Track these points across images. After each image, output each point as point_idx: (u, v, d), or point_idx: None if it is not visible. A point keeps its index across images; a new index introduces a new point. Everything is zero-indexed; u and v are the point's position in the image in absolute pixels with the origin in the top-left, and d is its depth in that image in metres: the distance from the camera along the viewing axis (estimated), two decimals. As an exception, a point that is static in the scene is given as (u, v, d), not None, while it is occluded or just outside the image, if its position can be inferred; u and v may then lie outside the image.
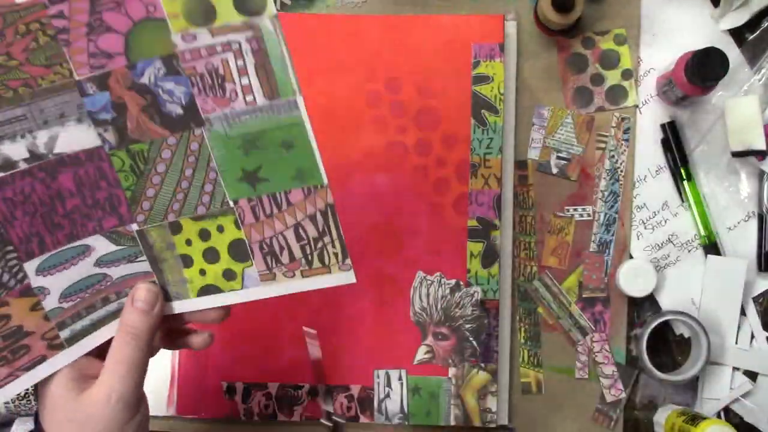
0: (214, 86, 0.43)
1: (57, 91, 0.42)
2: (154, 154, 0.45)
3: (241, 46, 0.42)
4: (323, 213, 0.47)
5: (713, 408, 0.69)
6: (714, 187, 0.70)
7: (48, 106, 0.42)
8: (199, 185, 0.46)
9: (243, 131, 0.44)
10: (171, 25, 0.42)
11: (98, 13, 0.41)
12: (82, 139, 0.43)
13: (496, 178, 0.68)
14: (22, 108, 0.41)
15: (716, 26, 0.70)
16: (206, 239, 0.47)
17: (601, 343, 0.69)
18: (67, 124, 0.43)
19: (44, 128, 0.42)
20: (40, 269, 0.44)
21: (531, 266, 0.70)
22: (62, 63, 0.42)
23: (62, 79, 0.42)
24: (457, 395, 0.68)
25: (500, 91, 0.68)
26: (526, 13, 0.71)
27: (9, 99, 0.41)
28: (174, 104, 0.43)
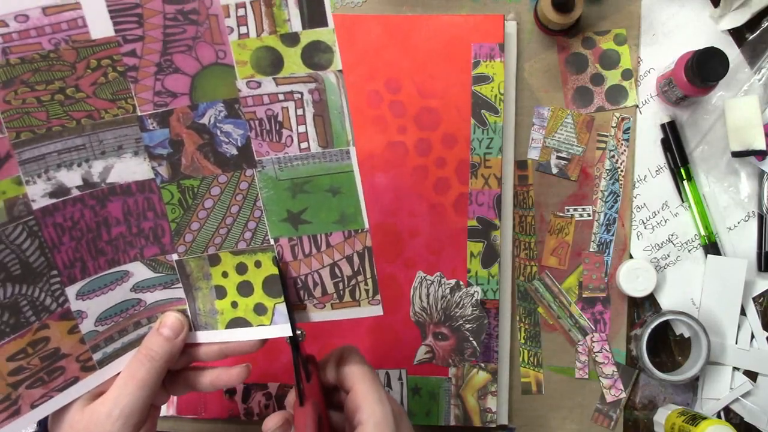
0: (272, 131, 0.44)
1: (119, 124, 0.43)
2: (203, 190, 0.45)
3: (303, 96, 0.44)
4: (360, 254, 0.48)
5: (713, 408, 0.69)
6: (714, 187, 0.70)
7: (107, 138, 0.43)
8: (243, 222, 0.46)
9: (293, 175, 0.45)
10: (238, 71, 0.43)
11: (169, 55, 0.42)
12: (136, 171, 0.44)
13: (496, 178, 0.68)
14: (82, 138, 0.42)
15: (716, 26, 0.70)
16: (243, 273, 0.47)
17: (601, 343, 0.69)
18: (123, 156, 0.44)
19: (101, 158, 0.43)
20: (80, 293, 0.44)
21: (531, 266, 0.70)
22: (127, 99, 0.43)
23: (125, 114, 0.43)
24: (457, 395, 0.68)
25: (500, 91, 0.68)
26: (526, 13, 0.71)
27: (71, 129, 0.42)
28: (230, 145, 0.45)
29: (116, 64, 0.42)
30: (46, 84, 0.40)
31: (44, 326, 0.43)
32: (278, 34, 0.42)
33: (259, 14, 0.42)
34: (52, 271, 0.43)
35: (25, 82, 0.40)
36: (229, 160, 0.45)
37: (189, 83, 0.43)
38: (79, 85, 0.41)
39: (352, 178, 0.46)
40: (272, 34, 0.42)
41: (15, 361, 0.42)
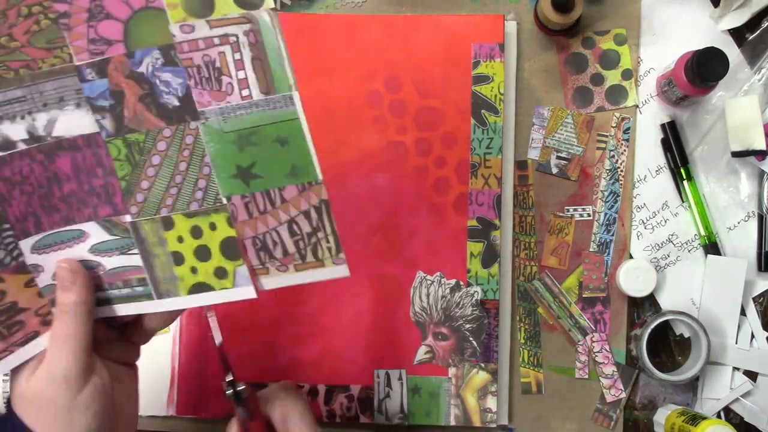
0: (211, 79, 0.43)
1: (57, 74, 0.42)
2: (149, 144, 0.45)
3: (239, 39, 0.42)
4: (317, 209, 0.46)
5: (713, 408, 0.69)
6: (714, 187, 0.70)
7: (47, 89, 0.42)
8: (193, 180, 0.45)
9: (238, 126, 0.44)
10: (169, 15, 0.42)
11: (100, 0, 0.41)
12: (80, 124, 0.44)
13: (496, 178, 0.68)
14: (22, 89, 0.42)
15: (716, 26, 0.70)
16: (198, 237, 0.46)
17: (601, 343, 0.69)
18: (66, 108, 0.43)
19: (43, 111, 0.43)
20: (35, 248, 0.44)
21: (531, 266, 0.70)
22: (62, 47, 0.42)
23: (62, 63, 0.42)
24: (457, 395, 0.68)
25: (500, 91, 0.68)
26: (526, 13, 0.71)
27: (10, 80, 0.41)
28: (171, 95, 0.44)
29: (47, 10, 0.41)
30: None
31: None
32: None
33: None
34: (4, 224, 0.43)
35: None
36: (171, 112, 0.44)
37: (122, 29, 0.42)
38: (13, 33, 0.41)
39: (299, 126, 0.44)
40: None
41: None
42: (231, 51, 0.43)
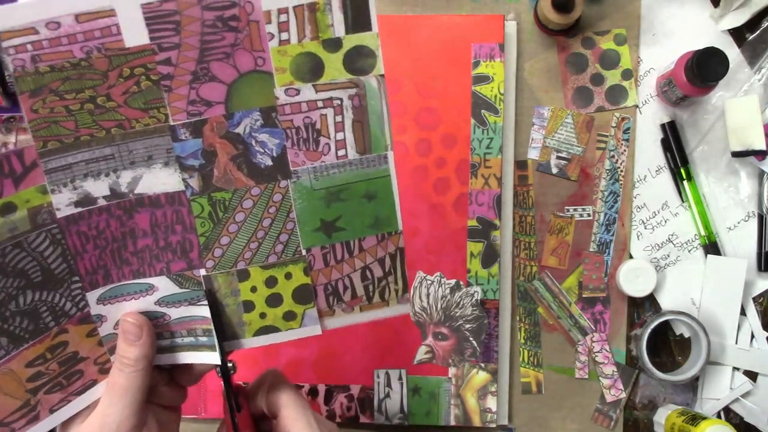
0: (309, 140, 0.43)
1: (149, 134, 0.41)
2: (235, 203, 0.44)
3: (343, 102, 0.43)
4: (392, 255, 0.47)
5: (713, 408, 0.69)
6: (714, 187, 0.70)
7: (137, 147, 0.41)
8: (275, 235, 0.45)
9: (328, 184, 0.44)
10: (276, 79, 0.42)
11: (206, 63, 0.41)
12: (165, 182, 0.43)
13: (496, 178, 0.68)
14: (111, 148, 0.41)
15: (716, 26, 0.70)
16: (272, 286, 0.46)
17: (601, 343, 0.69)
18: (153, 166, 0.42)
19: (129, 168, 0.42)
20: (101, 299, 0.43)
21: (531, 266, 0.70)
22: (160, 108, 0.41)
23: (156, 123, 0.41)
24: (457, 395, 0.68)
25: (500, 91, 0.68)
26: (526, 13, 0.71)
27: (100, 138, 0.40)
28: (265, 155, 0.43)
29: (150, 72, 0.40)
30: (75, 93, 0.39)
31: (63, 331, 0.42)
32: (320, 39, 0.41)
33: (302, 20, 0.41)
34: (74, 277, 0.42)
35: (53, 91, 0.39)
36: (263, 171, 0.43)
37: (225, 92, 0.41)
38: (111, 94, 0.40)
39: (389, 182, 0.45)
40: (314, 39, 0.41)
41: (34, 367, 0.42)
42: (333, 113, 0.43)
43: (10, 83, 0.67)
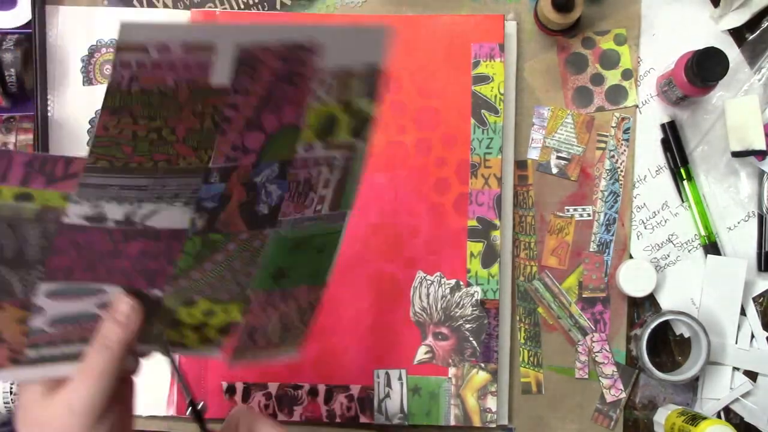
0: (302, 194, 0.44)
1: (188, 173, 0.41)
2: (222, 245, 0.44)
3: (335, 162, 0.44)
4: (312, 306, 0.48)
5: (713, 408, 0.69)
6: (714, 187, 0.70)
7: (171, 184, 0.41)
8: (237, 278, 0.46)
9: (298, 235, 0.46)
10: (303, 134, 0.42)
11: (260, 112, 0.40)
12: (176, 219, 0.42)
13: (496, 178, 0.68)
14: (149, 180, 0.40)
15: (716, 26, 0.70)
16: (208, 316, 0.47)
17: (601, 343, 0.69)
18: (175, 203, 0.42)
19: (153, 202, 0.41)
20: (50, 292, 0.43)
21: (531, 266, 0.70)
22: (207, 149, 0.41)
23: (198, 164, 0.41)
24: (457, 395, 0.68)
25: (500, 91, 0.68)
26: (526, 13, 0.71)
27: (145, 169, 0.40)
28: (265, 205, 0.44)
29: (216, 113, 0.39)
30: (149, 120, 0.38)
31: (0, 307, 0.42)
32: (347, 102, 0.42)
33: (342, 82, 0.41)
34: (40, 266, 0.41)
35: (132, 114, 0.38)
36: (258, 219, 0.44)
37: (263, 142, 0.42)
38: (176, 128, 0.39)
39: (339, 238, 0.46)
40: (341, 102, 0.42)
41: None
42: (327, 171, 0.44)
43: (10, 83, 0.67)
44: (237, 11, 0.71)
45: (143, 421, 0.69)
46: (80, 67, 0.71)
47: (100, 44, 0.71)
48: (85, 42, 0.71)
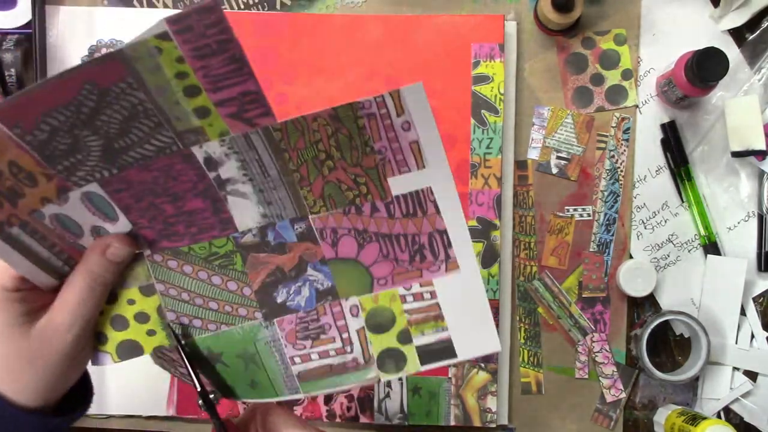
0: (308, 327, 0.46)
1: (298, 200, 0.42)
2: (228, 276, 0.45)
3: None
4: None
5: (713, 408, 0.69)
6: (714, 187, 0.70)
7: (281, 192, 0.42)
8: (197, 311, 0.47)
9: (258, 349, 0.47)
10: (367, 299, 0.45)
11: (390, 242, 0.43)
12: (245, 214, 0.43)
13: (496, 178, 0.68)
14: (280, 176, 0.41)
15: (716, 26, 0.70)
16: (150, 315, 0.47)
17: (601, 343, 0.69)
18: (261, 205, 0.43)
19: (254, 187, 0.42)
20: (89, 195, 0.42)
21: (531, 266, 0.70)
22: (330, 206, 0.42)
23: (310, 208, 0.42)
24: (457, 395, 0.68)
25: (500, 91, 0.68)
26: (526, 13, 0.71)
27: (291, 170, 0.41)
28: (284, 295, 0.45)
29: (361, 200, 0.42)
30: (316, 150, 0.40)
31: (47, 176, 0.40)
32: None
33: None
34: (114, 168, 0.40)
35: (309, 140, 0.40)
36: (267, 298, 0.45)
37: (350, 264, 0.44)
38: (336, 168, 0.41)
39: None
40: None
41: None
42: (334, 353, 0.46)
43: (10, 83, 0.68)
44: (237, 11, 0.71)
45: (143, 421, 0.69)
46: (80, 67, 0.71)
47: (100, 44, 0.71)
48: (85, 42, 0.71)
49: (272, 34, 0.69)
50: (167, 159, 0.40)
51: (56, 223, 0.43)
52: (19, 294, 0.43)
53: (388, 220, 0.42)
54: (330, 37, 0.69)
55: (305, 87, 0.69)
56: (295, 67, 0.69)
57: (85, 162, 0.40)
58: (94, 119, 0.38)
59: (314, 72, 0.69)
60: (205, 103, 0.38)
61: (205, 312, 0.47)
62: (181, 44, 0.35)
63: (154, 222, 0.44)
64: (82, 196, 0.42)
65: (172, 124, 0.39)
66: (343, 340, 0.46)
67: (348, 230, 0.43)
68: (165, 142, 0.39)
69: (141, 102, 0.37)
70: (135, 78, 0.36)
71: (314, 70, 0.69)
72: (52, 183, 0.41)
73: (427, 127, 0.39)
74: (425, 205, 0.42)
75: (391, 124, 0.39)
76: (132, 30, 0.71)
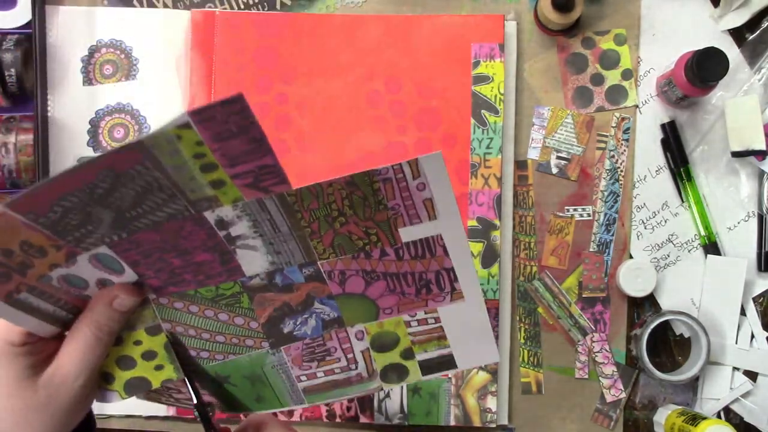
0: (312, 352, 0.46)
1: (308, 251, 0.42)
2: (235, 312, 0.45)
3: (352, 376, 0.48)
4: None
5: (713, 408, 0.69)
6: (714, 187, 0.70)
7: (291, 243, 0.42)
8: (205, 344, 0.47)
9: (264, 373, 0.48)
10: (375, 326, 0.46)
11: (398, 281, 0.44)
12: (253, 262, 0.43)
13: (496, 178, 0.68)
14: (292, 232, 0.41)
15: (716, 26, 0.70)
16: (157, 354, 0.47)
17: (601, 343, 0.69)
18: (270, 254, 0.43)
19: (264, 241, 0.42)
20: (98, 257, 0.42)
21: (531, 266, 0.70)
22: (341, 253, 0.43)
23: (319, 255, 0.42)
24: (457, 395, 0.68)
25: (500, 91, 0.68)
26: (526, 13, 0.71)
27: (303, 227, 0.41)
28: (291, 326, 0.45)
29: (372, 244, 0.42)
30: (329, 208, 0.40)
31: (57, 246, 0.40)
32: None
33: None
34: (124, 233, 0.40)
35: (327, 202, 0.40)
36: (274, 329, 0.45)
37: (356, 294, 0.44)
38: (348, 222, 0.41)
39: None
40: None
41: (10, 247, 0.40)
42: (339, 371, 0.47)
43: (10, 83, 0.67)
44: (237, 11, 0.71)
45: (143, 421, 0.69)
46: (80, 67, 0.71)
47: (100, 44, 0.71)
48: (85, 42, 0.71)
49: (272, 34, 0.69)
50: (178, 222, 0.40)
51: (63, 282, 0.43)
52: (25, 348, 0.43)
53: (397, 262, 0.43)
54: (330, 37, 0.69)
55: (305, 87, 0.69)
56: (295, 67, 0.69)
57: (96, 231, 0.40)
58: (108, 198, 0.38)
59: (314, 72, 0.69)
60: (221, 177, 0.38)
61: (213, 345, 0.47)
62: (202, 131, 0.35)
63: (161, 273, 0.44)
64: (90, 257, 0.42)
65: (186, 194, 0.39)
66: (348, 360, 0.46)
67: (356, 271, 0.43)
68: (177, 209, 0.40)
69: (156, 179, 0.37)
70: (152, 161, 0.36)
71: (314, 70, 0.69)
72: (62, 251, 0.41)
73: (442, 187, 0.40)
74: (434, 248, 0.42)
75: (406, 186, 0.40)
76: (132, 30, 0.71)
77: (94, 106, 0.71)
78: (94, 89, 0.71)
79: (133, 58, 0.71)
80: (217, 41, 0.69)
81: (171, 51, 0.71)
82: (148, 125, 0.71)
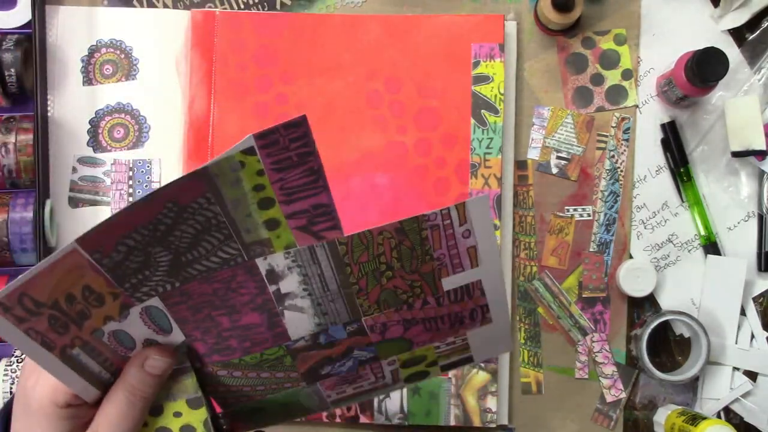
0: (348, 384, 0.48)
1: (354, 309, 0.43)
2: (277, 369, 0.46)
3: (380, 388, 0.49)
4: None
5: (713, 408, 0.69)
6: (714, 187, 0.70)
7: (339, 305, 0.42)
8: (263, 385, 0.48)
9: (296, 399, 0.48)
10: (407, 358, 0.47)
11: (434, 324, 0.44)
12: (298, 325, 0.43)
13: (496, 178, 0.68)
14: (340, 290, 0.41)
15: (716, 26, 0.70)
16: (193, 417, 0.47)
17: (601, 343, 0.69)
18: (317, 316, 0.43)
19: (312, 302, 0.42)
20: (148, 310, 0.42)
21: (531, 266, 0.70)
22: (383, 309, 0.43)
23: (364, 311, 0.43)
24: (457, 395, 0.68)
25: (500, 91, 0.68)
26: (526, 13, 0.71)
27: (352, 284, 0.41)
28: (330, 369, 0.46)
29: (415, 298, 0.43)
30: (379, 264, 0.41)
31: (114, 294, 0.40)
32: None
33: None
34: (177, 281, 0.40)
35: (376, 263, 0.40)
36: (314, 374, 0.46)
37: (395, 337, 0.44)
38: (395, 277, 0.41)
39: None
40: None
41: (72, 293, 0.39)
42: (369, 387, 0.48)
43: (10, 83, 0.67)
44: (237, 11, 0.71)
45: (143, 421, 0.69)
46: (80, 67, 0.71)
47: (100, 44, 0.71)
48: (85, 42, 0.71)
49: (272, 34, 0.69)
50: (230, 270, 0.40)
51: (113, 339, 0.42)
52: (68, 411, 0.42)
53: (437, 308, 0.43)
54: (330, 37, 0.69)
55: (305, 87, 0.69)
56: (295, 67, 0.69)
57: (152, 277, 0.40)
58: (169, 235, 0.38)
59: (314, 72, 0.69)
60: (276, 215, 0.38)
61: (252, 393, 0.47)
62: (264, 157, 0.35)
63: (207, 335, 0.43)
64: (142, 310, 0.42)
65: (241, 235, 0.39)
66: (376, 377, 0.47)
67: (397, 321, 0.44)
68: (231, 254, 0.39)
69: (215, 215, 0.37)
70: (213, 192, 0.36)
71: (314, 70, 0.69)
72: (117, 301, 0.40)
73: (487, 235, 0.40)
74: (473, 292, 0.43)
75: (453, 234, 0.40)
76: (132, 30, 0.71)
77: (94, 106, 0.71)
78: (94, 89, 0.71)
79: (133, 58, 0.71)
80: (217, 41, 0.69)
81: (171, 51, 0.71)
82: (148, 125, 0.71)
